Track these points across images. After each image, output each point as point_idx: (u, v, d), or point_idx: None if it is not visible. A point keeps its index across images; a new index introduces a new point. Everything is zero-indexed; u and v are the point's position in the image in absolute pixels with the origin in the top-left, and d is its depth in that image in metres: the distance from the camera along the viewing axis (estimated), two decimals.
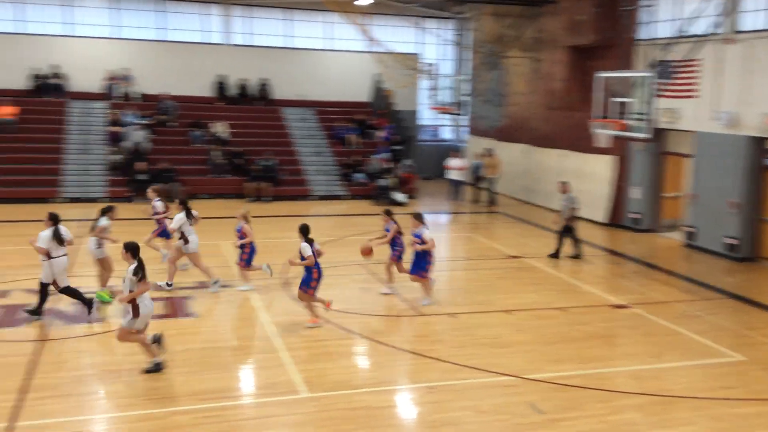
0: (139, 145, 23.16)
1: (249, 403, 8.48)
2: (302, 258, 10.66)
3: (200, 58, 26.88)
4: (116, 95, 25.51)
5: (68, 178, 22.08)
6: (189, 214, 12.78)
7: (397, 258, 12.77)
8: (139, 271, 8.79)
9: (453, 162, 24.38)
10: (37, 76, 24.80)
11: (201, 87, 26.76)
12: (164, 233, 14.16)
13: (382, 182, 23.79)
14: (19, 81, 24.67)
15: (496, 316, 11.76)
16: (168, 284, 12.57)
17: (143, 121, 24.22)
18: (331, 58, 28.62)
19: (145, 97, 25.76)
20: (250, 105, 27.15)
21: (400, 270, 12.86)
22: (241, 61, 27.31)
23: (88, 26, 26.28)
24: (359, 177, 24.71)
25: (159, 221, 14.33)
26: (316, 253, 10.73)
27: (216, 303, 12.19)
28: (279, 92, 27.73)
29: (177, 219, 12.69)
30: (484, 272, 15.01)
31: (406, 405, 8.65)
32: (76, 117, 24.56)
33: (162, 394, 8.37)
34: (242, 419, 7.98)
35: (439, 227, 21.79)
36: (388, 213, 13.02)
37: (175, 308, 11.69)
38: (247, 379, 9.28)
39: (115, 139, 23.59)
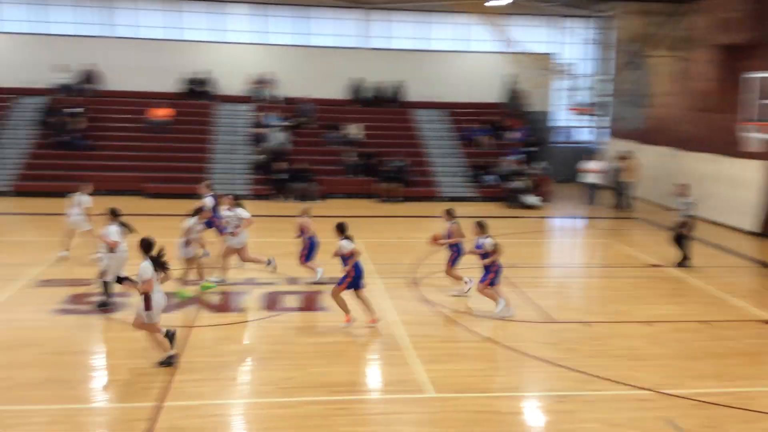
0: (279, 146, 24.20)
1: (376, 398, 8.66)
2: (343, 258, 10.62)
3: (338, 61, 27.71)
4: (260, 98, 26.81)
5: (214, 176, 23.41)
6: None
7: (452, 262, 12.43)
8: (152, 267, 8.83)
9: (589, 165, 23.60)
10: (189, 80, 26.53)
11: (338, 90, 27.57)
12: (209, 224, 13.94)
13: (514, 185, 23.43)
14: (173, 85, 26.50)
15: (634, 327, 11.25)
16: (219, 281, 12.75)
17: (284, 123, 25.28)
18: (464, 59, 28.60)
19: (287, 100, 26.90)
20: (384, 107, 27.63)
21: (449, 273, 12.60)
22: (377, 64, 27.88)
23: (236, 33, 27.83)
24: (490, 179, 24.47)
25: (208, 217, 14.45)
26: (354, 253, 10.62)
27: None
28: (412, 94, 28.03)
29: (236, 214, 12.90)
30: (622, 281, 14.42)
31: (534, 413, 8.49)
32: (223, 119, 26.04)
33: (295, 383, 8.71)
34: (369, 414, 8.16)
35: (575, 232, 21.18)
36: (450, 213, 12.55)
37: (308, 302, 12.11)
38: (374, 374, 9.46)
39: (257, 139, 24.79)
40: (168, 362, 9.08)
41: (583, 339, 10.71)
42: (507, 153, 25.26)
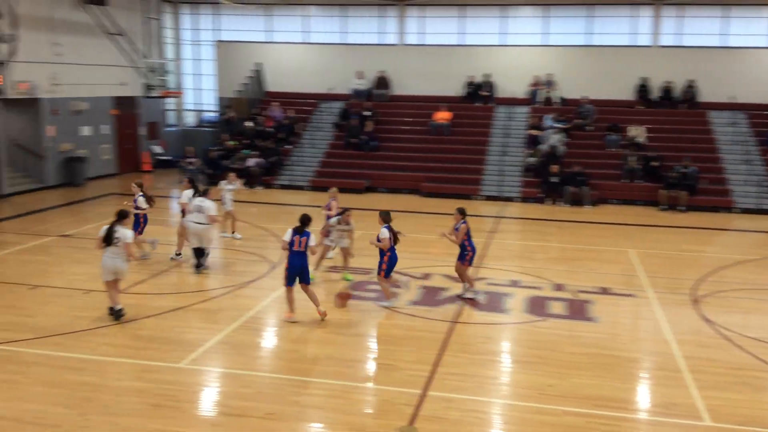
0: (554, 149, 23.82)
1: (644, 418, 8.14)
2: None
3: (625, 60, 26.45)
4: (538, 100, 26.64)
5: (487, 178, 23.84)
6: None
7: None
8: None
9: None
10: (469, 84, 27.28)
11: (621, 90, 26.32)
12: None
13: None
14: (454, 89, 27.45)
15: None
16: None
17: (561, 125, 24.83)
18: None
19: (565, 102, 26.38)
20: (673, 108, 25.74)
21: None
22: (667, 62, 26.09)
23: (519, 35, 27.97)
24: None
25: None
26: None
27: (618, 310, 11.92)
28: (706, 95, 25.73)
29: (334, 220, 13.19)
30: None
31: None
32: (501, 121, 26.34)
33: (558, 392, 8.53)
34: None
35: None
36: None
37: (575, 310, 11.78)
38: (643, 393, 8.89)
39: (533, 142, 24.67)
40: (113, 313, 10.44)
41: None
42: None
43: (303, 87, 28.56)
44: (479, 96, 27.15)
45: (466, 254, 11.92)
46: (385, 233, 11.43)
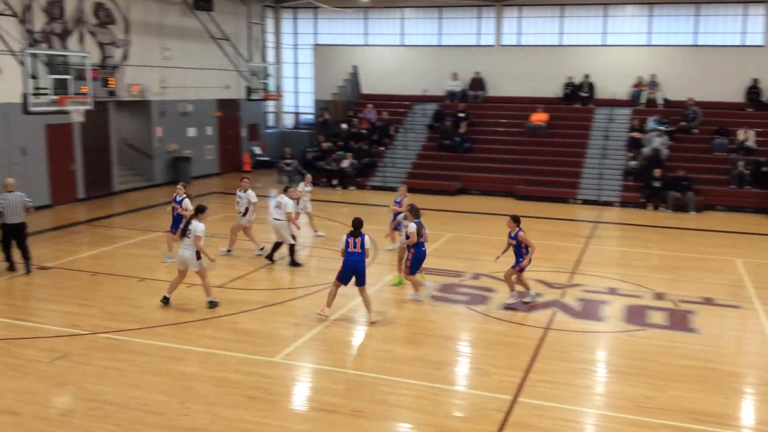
0: (657, 152, 22.95)
1: None
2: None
3: (734, 61, 25.15)
4: (640, 102, 25.75)
5: (585, 181, 23.23)
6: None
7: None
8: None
9: None
10: (568, 85, 26.68)
11: (730, 92, 25.06)
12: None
13: None
14: (553, 90, 26.93)
15: None
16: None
17: (664, 128, 23.89)
18: None
19: (669, 103, 25.38)
20: None
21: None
22: None
23: (621, 35, 27.13)
24: None
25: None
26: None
27: (722, 322, 11.36)
28: None
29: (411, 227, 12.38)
30: None
31: None
32: (600, 123, 25.62)
33: (655, 404, 8.23)
34: None
35: None
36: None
37: (676, 321, 11.32)
38: (747, 409, 8.46)
39: (634, 144, 23.85)
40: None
41: None
42: None
43: (398, 89, 28.77)
44: (578, 97, 26.53)
45: (521, 260, 11.60)
46: (412, 228, 11.61)
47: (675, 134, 23.98)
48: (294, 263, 13.94)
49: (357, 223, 10.83)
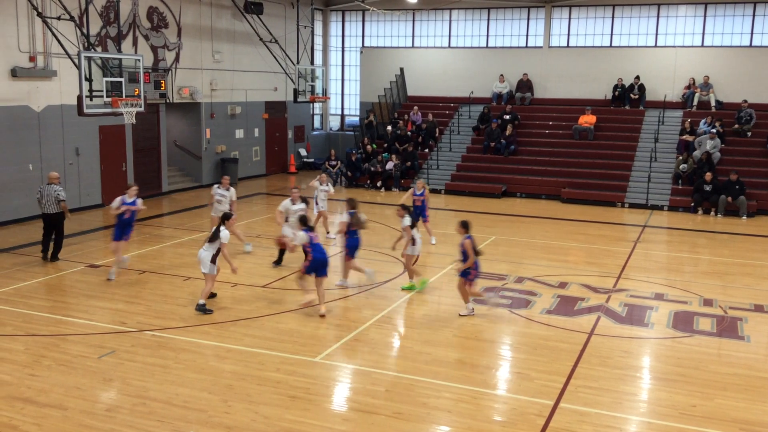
0: (709, 155, 22.37)
1: None
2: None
3: None
4: (693, 104, 25.15)
5: (633, 185, 22.78)
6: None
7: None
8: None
9: None
10: (617, 86, 26.22)
11: None
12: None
13: None
14: (602, 92, 26.51)
15: None
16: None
17: (716, 130, 23.28)
18: None
19: (722, 105, 24.74)
20: None
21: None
22: None
23: (674, 35, 26.55)
24: None
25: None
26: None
27: None
28: None
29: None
30: None
31: None
32: (650, 125, 25.09)
33: (701, 412, 8.04)
34: None
35: None
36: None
37: (724, 328, 11.02)
38: None
39: (685, 147, 23.30)
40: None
41: None
42: None
43: (444, 91, 28.69)
44: (628, 99, 26.05)
45: (470, 272, 11.13)
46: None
47: (728, 137, 23.35)
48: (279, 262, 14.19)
49: (303, 220, 11.52)
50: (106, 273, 13.30)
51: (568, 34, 28.10)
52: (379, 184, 24.85)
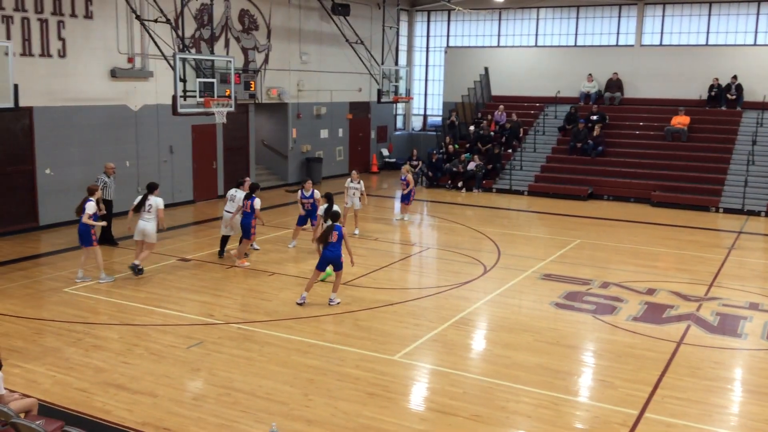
0: None
1: None
2: None
3: None
4: None
5: (729, 189, 21.77)
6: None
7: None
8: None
9: None
10: (713, 86, 25.13)
11: None
12: None
13: None
14: (696, 92, 25.47)
15: None
16: None
17: None
18: None
19: None
20: None
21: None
22: None
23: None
24: None
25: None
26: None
27: None
28: None
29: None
30: None
31: None
32: (748, 127, 23.92)
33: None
34: None
35: None
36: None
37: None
38: None
39: None
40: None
41: None
42: None
43: (529, 90, 28.21)
44: (724, 99, 24.91)
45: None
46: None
47: None
48: (222, 253, 14.56)
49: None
50: (197, 266, 13.82)
51: (662, 32, 27.13)
52: (460, 184, 24.71)
